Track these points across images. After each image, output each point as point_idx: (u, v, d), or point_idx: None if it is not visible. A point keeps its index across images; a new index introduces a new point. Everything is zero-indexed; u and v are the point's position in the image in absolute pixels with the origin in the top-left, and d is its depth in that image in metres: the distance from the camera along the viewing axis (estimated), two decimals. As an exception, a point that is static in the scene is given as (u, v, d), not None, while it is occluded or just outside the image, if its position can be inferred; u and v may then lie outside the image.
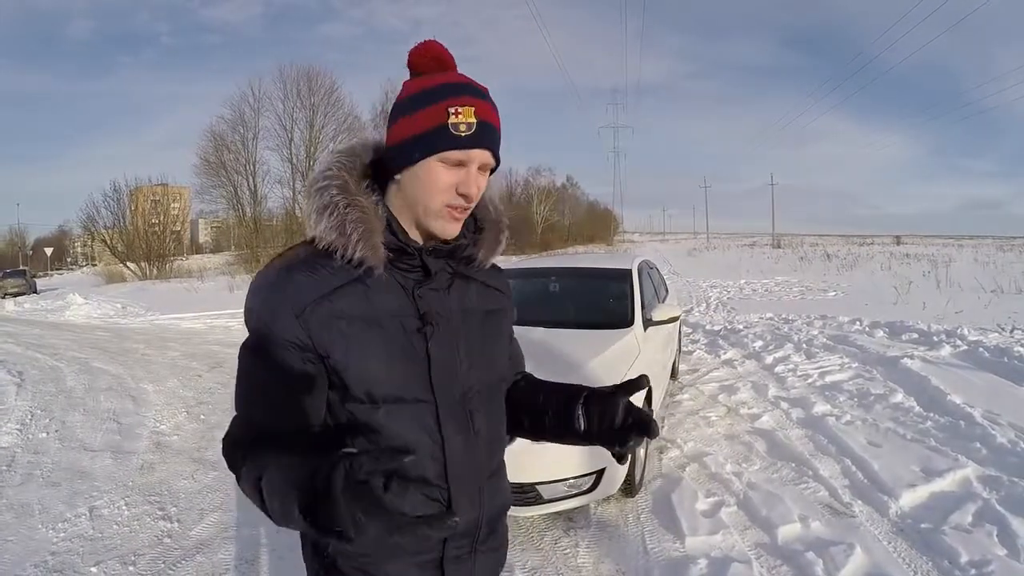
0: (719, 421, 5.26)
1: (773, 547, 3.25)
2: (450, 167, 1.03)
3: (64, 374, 8.22)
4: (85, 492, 4.25)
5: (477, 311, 1.19)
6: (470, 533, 1.15)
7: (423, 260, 1.10)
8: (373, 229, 1.04)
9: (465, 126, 1.01)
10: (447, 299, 1.13)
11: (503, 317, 1.28)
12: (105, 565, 3.29)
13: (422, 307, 1.09)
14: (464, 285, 1.18)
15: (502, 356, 1.28)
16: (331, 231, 1.03)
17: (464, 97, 1.03)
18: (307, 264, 1.04)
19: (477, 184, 1.05)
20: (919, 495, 3.68)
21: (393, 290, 1.08)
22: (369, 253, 1.03)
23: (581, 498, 3.46)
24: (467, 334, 1.15)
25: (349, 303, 1.03)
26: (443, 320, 1.11)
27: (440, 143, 1.02)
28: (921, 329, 8.57)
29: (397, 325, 1.07)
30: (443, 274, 1.13)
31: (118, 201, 37.92)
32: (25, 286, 32.01)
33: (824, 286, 16.84)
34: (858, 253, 29.92)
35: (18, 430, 5.67)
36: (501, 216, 1.25)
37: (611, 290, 5.23)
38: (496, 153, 1.07)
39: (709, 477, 4.12)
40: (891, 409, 5.29)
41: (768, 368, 7.06)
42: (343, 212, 1.03)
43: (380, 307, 1.06)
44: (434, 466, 1.09)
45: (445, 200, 1.05)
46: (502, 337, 1.28)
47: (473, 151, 1.03)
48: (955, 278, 15.66)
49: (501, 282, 1.30)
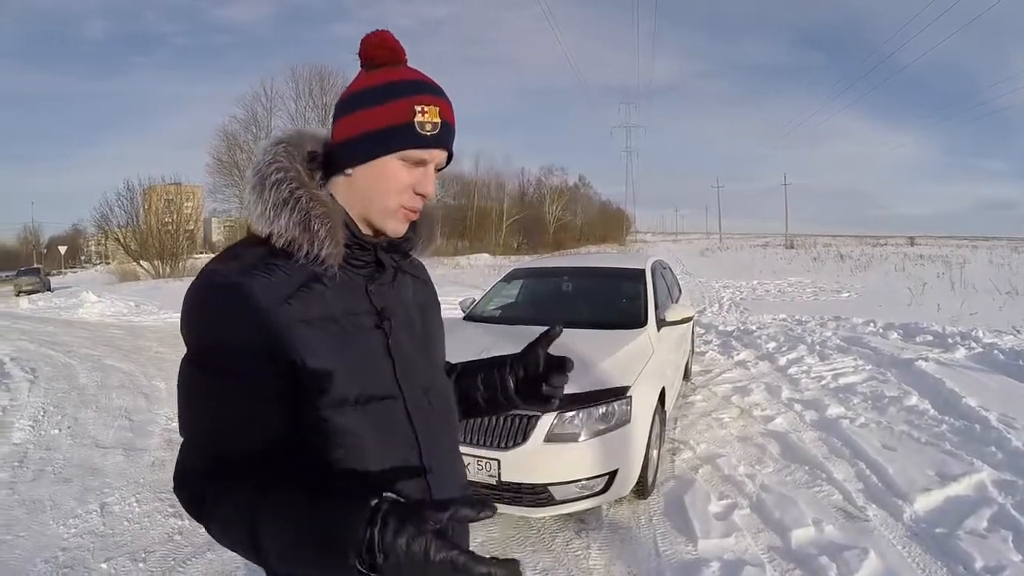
0: (732, 423, 5.22)
1: (786, 551, 3.21)
2: (410, 166, 1.02)
3: (77, 371, 8.26)
4: (97, 488, 4.26)
5: (415, 304, 1.18)
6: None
7: (377, 255, 1.08)
8: (337, 224, 1.01)
9: (431, 125, 1.00)
10: (393, 294, 1.12)
11: (436, 308, 1.28)
12: (115, 562, 3.29)
13: (378, 303, 1.07)
14: (403, 279, 1.17)
15: (442, 348, 1.27)
16: (295, 227, 0.97)
17: (429, 96, 1.02)
18: (262, 266, 0.97)
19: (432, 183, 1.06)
20: (934, 499, 3.63)
21: (348, 287, 1.04)
22: (334, 250, 1.00)
23: (593, 499, 3.43)
24: (415, 328, 1.15)
25: (309, 304, 0.98)
26: (395, 315, 1.10)
27: (405, 141, 1.00)
28: (935, 331, 8.48)
29: (356, 323, 1.03)
30: (390, 269, 1.12)
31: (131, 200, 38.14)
32: (39, 284, 32.35)
33: (838, 287, 16.73)
34: (872, 254, 29.72)
35: (30, 426, 5.70)
36: (436, 210, 1.23)
37: (624, 290, 5.19)
38: (451, 154, 1.08)
39: (722, 479, 4.08)
40: (905, 412, 5.24)
41: (781, 369, 7.01)
42: (307, 206, 0.98)
43: (338, 306, 1.01)
44: (413, 466, 1.08)
45: (402, 200, 1.03)
46: (440, 328, 1.27)
47: (435, 151, 1.02)
48: (969, 279, 15.53)
49: (426, 274, 1.30)
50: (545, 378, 1.19)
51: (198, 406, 0.95)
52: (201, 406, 0.95)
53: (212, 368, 0.93)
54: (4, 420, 5.92)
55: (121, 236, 38.16)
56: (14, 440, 5.30)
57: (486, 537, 3.46)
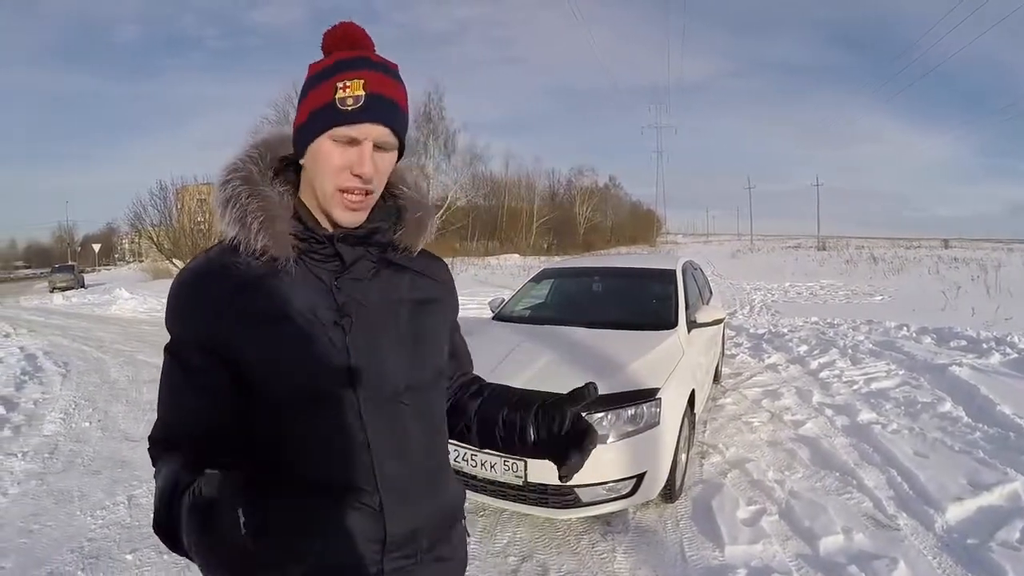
0: (762, 427, 5.13)
1: (815, 559, 3.13)
2: (341, 145, 0.98)
3: (108, 366, 8.41)
4: (125, 481, 4.30)
5: (407, 301, 1.12)
6: (410, 542, 1.07)
7: (336, 248, 1.04)
8: (275, 217, 0.99)
9: (352, 99, 0.96)
10: (369, 289, 1.07)
11: (438, 307, 1.19)
12: (140, 553, 3.31)
13: (339, 299, 1.03)
14: (394, 275, 1.11)
15: (437, 350, 1.18)
16: (233, 224, 0.99)
17: (354, 71, 0.98)
18: (216, 263, 1.00)
19: (374, 164, 0.99)
20: (966, 509, 3.51)
21: (310, 283, 1.02)
22: (271, 243, 0.98)
23: (620, 502, 3.38)
24: (396, 326, 1.08)
25: (259, 300, 0.98)
26: (364, 311, 1.04)
27: (327, 119, 0.97)
28: (970, 336, 8.25)
29: (313, 319, 1.01)
30: (364, 263, 1.07)
31: (164, 200, 38.62)
32: (73, 281, 33.06)
33: (870, 290, 16.42)
34: (905, 256, 29.14)
35: (61, 419, 5.80)
36: (424, 200, 1.17)
37: (655, 291, 5.13)
38: (396, 129, 1.01)
39: (751, 484, 4.00)
40: (938, 418, 5.09)
41: (813, 373, 6.87)
42: (244, 203, 0.99)
43: (294, 302, 1.00)
44: (362, 470, 1.02)
45: (337, 182, 0.99)
46: (437, 330, 1.19)
47: (363, 125, 0.97)
48: (1005, 284, 15.10)
49: (437, 270, 1.22)
50: (566, 443, 1.10)
51: (161, 387, 1.02)
52: (162, 387, 1.02)
53: (171, 356, 1.01)
54: (36, 412, 6.04)
55: (154, 235, 38.70)
56: (45, 432, 5.40)
57: (511, 539, 3.42)
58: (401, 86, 1.02)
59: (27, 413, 6.02)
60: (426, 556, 1.09)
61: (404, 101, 1.03)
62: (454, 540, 1.18)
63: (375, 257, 1.08)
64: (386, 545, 1.04)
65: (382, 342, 1.05)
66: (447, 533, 1.16)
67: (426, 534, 1.10)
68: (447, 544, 1.15)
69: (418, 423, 1.09)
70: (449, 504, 1.17)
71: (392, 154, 1.03)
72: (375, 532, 1.03)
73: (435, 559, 1.11)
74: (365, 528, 1.02)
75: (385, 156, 1.01)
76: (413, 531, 1.07)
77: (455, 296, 1.27)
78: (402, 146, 1.05)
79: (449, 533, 1.16)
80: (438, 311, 1.19)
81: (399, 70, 1.04)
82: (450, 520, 1.17)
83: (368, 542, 1.03)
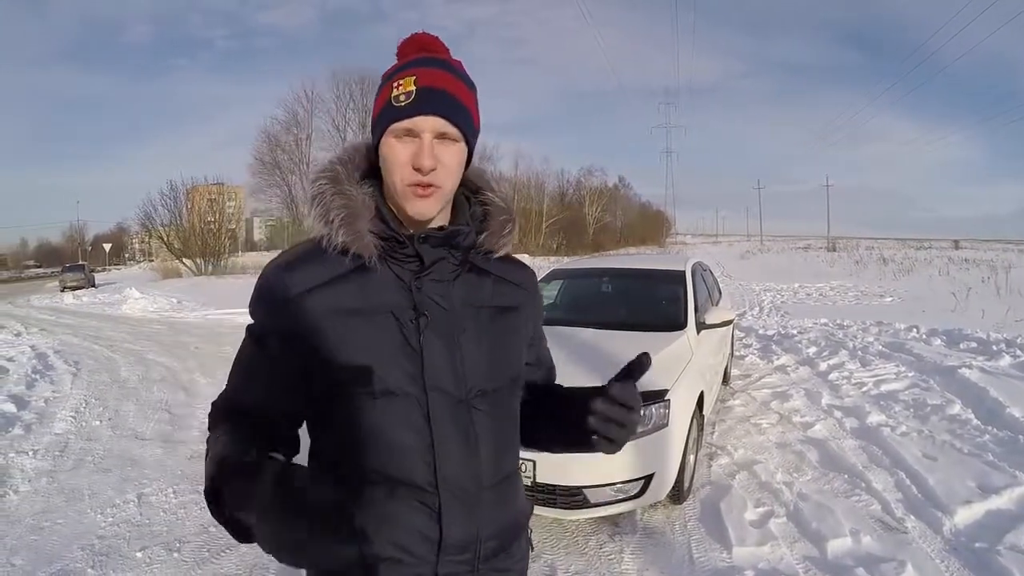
0: (771, 428, 5.11)
1: (822, 561, 3.12)
2: (402, 140, 1.01)
3: (119, 365, 8.46)
4: (135, 479, 4.33)
5: (487, 307, 1.12)
6: (467, 548, 1.06)
7: (416, 248, 1.04)
8: (357, 215, 1.02)
9: (404, 95, 1.00)
10: (449, 291, 1.07)
11: (519, 315, 1.18)
12: (150, 551, 3.33)
13: (417, 299, 1.04)
14: (476, 278, 1.12)
15: (514, 357, 1.17)
16: (318, 220, 1.03)
17: (405, 71, 1.02)
18: (302, 258, 1.05)
19: (435, 155, 1.00)
20: (974, 512, 3.50)
21: (390, 281, 1.04)
22: (352, 239, 1.01)
23: (628, 503, 3.38)
24: (474, 330, 1.08)
25: (340, 295, 1.02)
26: (441, 312, 1.05)
27: (386, 117, 1.01)
28: (980, 338, 8.20)
29: (390, 317, 1.03)
30: (446, 264, 1.07)
31: (175, 199, 38.91)
32: (84, 280, 33.23)
33: (880, 291, 16.32)
34: (915, 257, 28.91)
35: (72, 417, 5.84)
36: (510, 205, 1.17)
37: (664, 292, 5.12)
38: (453, 119, 1.01)
39: (759, 486, 4.00)
40: (948, 421, 5.07)
41: (822, 375, 6.85)
42: (328, 200, 1.03)
43: (374, 299, 1.03)
44: (423, 469, 1.03)
45: (404, 177, 1.01)
46: (516, 337, 1.18)
47: (416, 118, 0.99)
48: (1015, 285, 14.97)
49: (521, 277, 1.21)
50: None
51: (236, 362, 1.11)
52: (236, 362, 1.11)
53: (250, 337, 1.09)
54: (47, 411, 6.08)
55: (164, 234, 38.97)
56: (56, 430, 5.44)
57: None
58: (460, 81, 1.04)
59: (38, 411, 6.06)
60: (484, 566, 1.09)
61: (463, 94, 1.04)
62: (516, 553, 1.16)
63: (457, 260, 1.09)
64: (441, 547, 1.04)
65: (457, 344, 1.06)
66: (509, 545, 1.14)
67: (487, 543, 1.09)
68: (508, 557, 1.14)
69: (489, 430, 1.09)
70: (514, 516, 1.17)
71: (457, 145, 1.03)
72: (431, 532, 1.03)
73: (493, 570, 1.10)
74: (421, 527, 1.03)
75: (450, 147, 1.02)
76: (472, 538, 1.07)
77: (538, 304, 1.27)
78: (469, 139, 1.05)
79: (511, 546, 1.15)
80: (519, 318, 1.18)
81: (462, 66, 1.07)
82: (514, 533, 1.16)
83: (423, 542, 1.03)
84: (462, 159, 1.05)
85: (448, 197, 1.06)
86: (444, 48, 1.07)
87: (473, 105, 1.06)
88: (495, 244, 1.13)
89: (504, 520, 1.12)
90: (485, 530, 1.08)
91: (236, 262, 40.11)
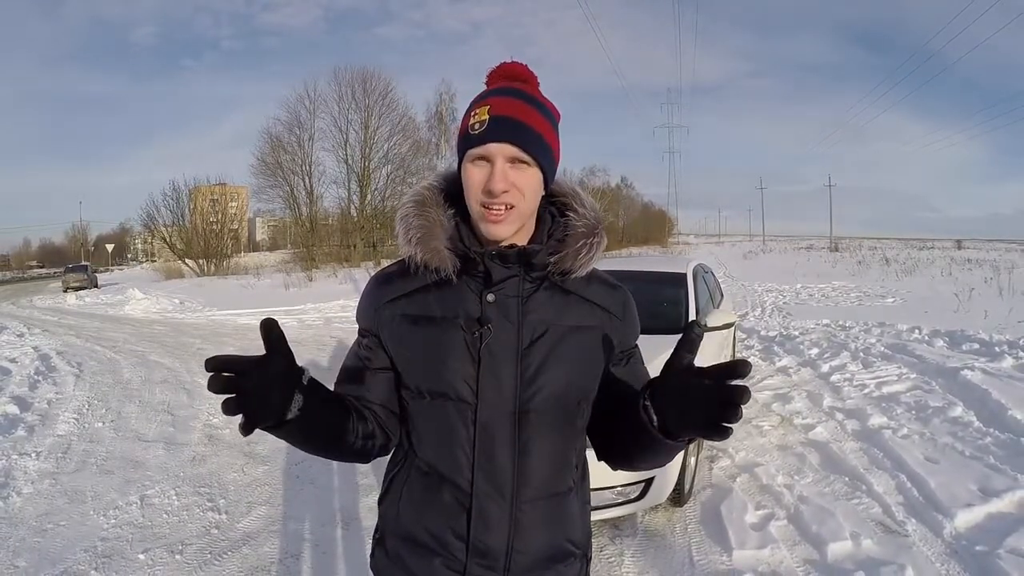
0: (772, 431, 5.12)
1: (822, 564, 3.13)
2: (476, 165, 1.08)
3: (121, 366, 8.47)
4: (137, 481, 4.34)
5: (559, 324, 1.14)
6: (495, 556, 1.10)
7: (485, 265, 1.11)
8: (433, 234, 1.11)
9: (479, 124, 1.07)
10: (519, 306, 1.12)
11: (595, 335, 1.17)
12: (153, 553, 3.35)
13: (485, 311, 1.11)
14: (553, 296, 1.15)
15: (583, 377, 1.16)
16: (402, 240, 1.14)
17: (485, 99, 1.09)
18: (392, 272, 1.20)
19: (508, 179, 1.06)
20: (975, 515, 3.49)
21: (463, 295, 1.12)
22: (429, 256, 1.10)
23: (628, 506, 3.38)
24: (541, 346, 1.12)
25: (417, 304, 1.14)
26: (506, 326, 1.10)
27: (463, 145, 1.10)
28: (982, 339, 8.18)
29: (456, 327, 1.11)
30: (517, 281, 1.12)
31: (177, 200, 38.89)
32: (86, 280, 33.28)
33: (882, 292, 16.28)
34: (918, 258, 28.83)
35: (75, 419, 5.86)
36: (598, 224, 1.19)
37: (666, 294, 5.14)
38: (523, 145, 1.06)
39: (760, 489, 4.00)
40: (949, 423, 5.05)
41: (824, 377, 6.84)
42: (410, 221, 1.13)
43: (447, 310, 1.12)
44: (465, 471, 1.10)
45: (479, 199, 1.07)
46: (589, 357, 1.17)
47: (487, 145, 1.06)
48: (1018, 286, 14.91)
49: (608, 300, 1.21)
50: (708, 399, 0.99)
51: (346, 356, 1.26)
52: (346, 356, 1.25)
53: (358, 335, 1.25)
54: (50, 412, 6.09)
55: (167, 235, 38.97)
56: (59, 432, 5.45)
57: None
58: (534, 109, 1.09)
59: (41, 413, 6.07)
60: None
61: (536, 121, 1.09)
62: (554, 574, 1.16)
63: (531, 278, 1.14)
64: (469, 549, 1.10)
65: (518, 359, 1.11)
66: (549, 567, 1.15)
67: (519, 557, 1.12)
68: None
69: (539, 446, 1.12)
70: (561, 539, 1.17)
71: (531, 170, 1.08)
72: (462, 531, 1.11)
73: None
74: (454, 524, 1.11)
75: (523, 171, 1.07)
76: (503, 548, 1.11)
77: (626, 326, 1.24)
78: (542, 163, 1.09)
79: (552, 568, 1.16)
80: (594, 339, 1.18)
81: (540, 95, 1.14)
82: (559, 556, 1.16)
83: (455, 539, 1.11)
84: (536, 182, 1.10)
85: (524, 218, 1.11)
86: (530, 75, 1.15)
87: (548, 131, 1.10)
88: (571, 264, 1.15)
89: (546, 539, 1.14)
90: (520, 543, 1.11)
91: (239, 263, 40.12)
